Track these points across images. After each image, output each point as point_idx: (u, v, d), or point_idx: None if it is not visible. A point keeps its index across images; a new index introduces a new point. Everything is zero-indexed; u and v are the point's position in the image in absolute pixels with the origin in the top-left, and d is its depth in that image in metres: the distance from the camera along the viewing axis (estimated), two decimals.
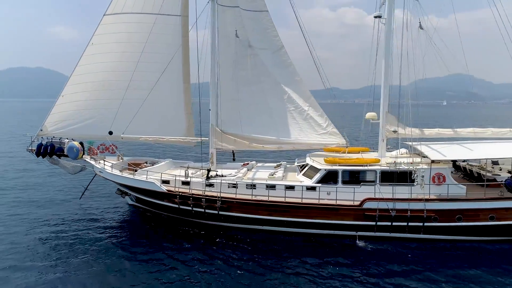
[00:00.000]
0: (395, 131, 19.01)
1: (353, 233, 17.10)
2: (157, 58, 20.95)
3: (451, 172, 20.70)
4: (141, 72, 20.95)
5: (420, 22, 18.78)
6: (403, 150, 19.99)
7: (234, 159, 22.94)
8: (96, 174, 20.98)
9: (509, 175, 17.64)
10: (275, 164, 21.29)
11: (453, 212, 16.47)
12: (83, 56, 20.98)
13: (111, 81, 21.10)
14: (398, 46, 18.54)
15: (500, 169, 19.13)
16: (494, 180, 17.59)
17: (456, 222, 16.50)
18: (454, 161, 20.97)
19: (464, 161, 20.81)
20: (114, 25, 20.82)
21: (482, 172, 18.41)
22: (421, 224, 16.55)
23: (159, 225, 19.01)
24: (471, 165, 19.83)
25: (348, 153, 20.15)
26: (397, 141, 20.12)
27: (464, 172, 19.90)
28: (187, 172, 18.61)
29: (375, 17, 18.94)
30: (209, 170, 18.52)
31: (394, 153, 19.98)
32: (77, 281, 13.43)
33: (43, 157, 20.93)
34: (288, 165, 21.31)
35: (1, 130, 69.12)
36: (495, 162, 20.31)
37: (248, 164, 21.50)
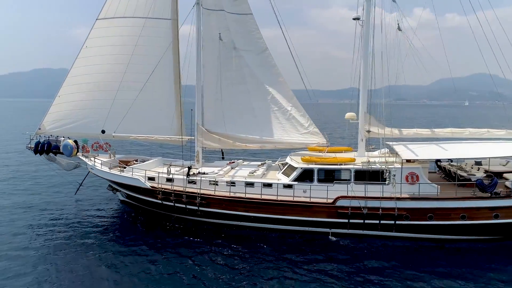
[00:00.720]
0: (368, 131, 19.33)
1: (327, 230, 17.55)
2: (149, 60, 21.82)
3: (436, 172, 21.01)
4: (133, 74, 21.93)
5: (398, 24, 19.04)
6: (384, 150, 20.26)
7: (223, 158, 23.71)
8: (89, 171, 22.06)
9: (484, 175, 17.77)
10: (259, 163, 21.91)
11: (425, 211, 16.72)
12: (77, 58, 22.12)
13: (104, 82, 22.16)
14: (381, 48, 18.88)
15: (478, 169, 19.22)
16: (469, 180, 17.71)
17: (427, 220, 16.74)
18: (437, 161, 21.19)
19: (449, 161, 20.97)
20: (107, 29, 21.85)
21: (458, 172, 18.56)
22: (392, 222, 16.86)
23: (147, 219, 19.94)
24: (451, 166, 19.97)
25: (331, 152, 20.59)
26: (384, 142, 20.40)
27: (445, 172, 20.04)
28: (169, 169, 19.43)
29: (354, 19, 19.29)
30: (189, 168, 19.27)
31: (376, 152, 20.29)
32: (67, 269, 14.48)
33: (41, 154, 22.16)
34: (273, 164, 21.87)
35: (20, 128, 71.85)
36: (478, 163, 20.38)
37: (234, 162, 22.19)
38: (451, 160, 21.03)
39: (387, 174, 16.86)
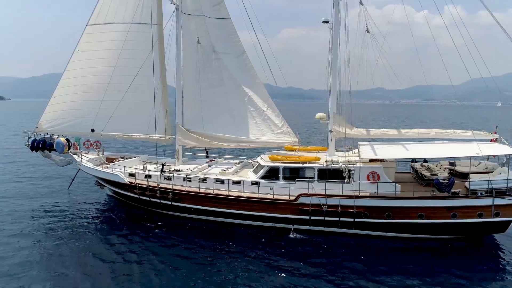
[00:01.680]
0: (330, 131, 19.80)
1: (291, 226, 18.21)
2: (136, 63, 23.04)
3: (410, 172, 21.25)
4: (121, 76, 23.30)
5: (367, 26, 19.43)
6: (356, 150, 20.66)
7: (207, 156, 24.74)
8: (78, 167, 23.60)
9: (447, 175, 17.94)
10: (237, 161, 22.78)
11: (383, 209, 17.10)
12: (70, 62, 23.71)
13: (94, 84, 23.66)
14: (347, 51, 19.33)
15: (444, 170, 19.35)
16: (432, 180, 17.89)
17: (386, 219, 17.11)
18: (413, 162, 21.42)
19: (425, 161, 21.18)
20: (97, 34, 23.30)
21: (423, 172, 18.81)
22: (352, 219, 17.33)
23: (129, 212, 21.33)
24: (421, 166, 20.17)
25: (304, 151, 21.23)
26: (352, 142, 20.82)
27: (415, 172, 20.25)
28: (145, 166, 20.61)
29: (323, 22, 19.80)
30: (163, 165, 20.37)
31: (349, 152, 20.70)
32: (55, 255, 15.95)
33: (36, 151, 23.87)
34: (252, 163, 22.66)
35: None
36: (452, 163, 20.47)
37: (213, 160, 23.16)
38: (425, 161, 21.22)
39: (346, 172, 17.37)
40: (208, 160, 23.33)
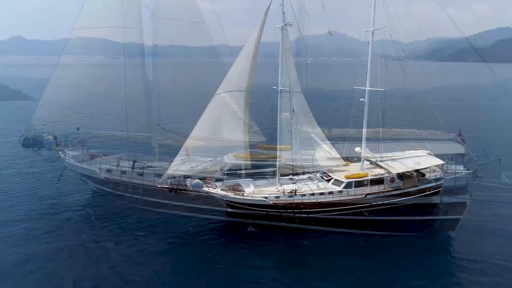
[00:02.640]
0: (288, 130, 20.41)
1: (250, 220, 19.01)
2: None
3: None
4: (105, 77, 24.60)
5: (329, 29, 20.04)
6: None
7: (188, 154, 25.69)
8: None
9: None
10: (210, 159, 23.67)
11: (327, 205, 17.70)
12: (58, 64, 25.13)
13: (81, 85, 25.01)
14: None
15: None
16: None
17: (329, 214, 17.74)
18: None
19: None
20: (82, 37, 24.65)
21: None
22: (306, 216, 17.99)
23: (109, 205, 22.56)
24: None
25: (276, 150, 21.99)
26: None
27: None
28: (118, 162, 21.81)
29: (286, 24, 20.40)
30: (134, 161, 21.52)
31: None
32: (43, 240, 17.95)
33: (28, 148, 25.48)
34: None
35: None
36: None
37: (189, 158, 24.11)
38: None
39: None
40: (184, 157, 24.29)
